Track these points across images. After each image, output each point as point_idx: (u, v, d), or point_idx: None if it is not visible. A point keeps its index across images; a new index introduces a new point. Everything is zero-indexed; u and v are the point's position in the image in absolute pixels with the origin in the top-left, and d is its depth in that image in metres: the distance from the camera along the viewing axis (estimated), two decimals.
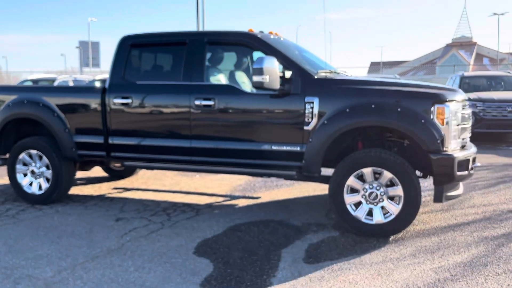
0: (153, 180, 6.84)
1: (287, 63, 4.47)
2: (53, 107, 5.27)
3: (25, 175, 5.51)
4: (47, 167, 5.41)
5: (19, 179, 5.49)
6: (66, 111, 5.25)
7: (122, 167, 5.33)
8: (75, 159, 5.33)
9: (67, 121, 5.23)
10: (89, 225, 4.64)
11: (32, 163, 5.46)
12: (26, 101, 5.40)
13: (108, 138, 5.10)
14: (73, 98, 5.31)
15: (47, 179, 5.43)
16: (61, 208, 5.31)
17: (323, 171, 4.49)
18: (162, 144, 4.87)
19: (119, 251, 3.91)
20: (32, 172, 5.48)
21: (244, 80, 5.10)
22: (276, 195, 5.84)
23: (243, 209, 5.23)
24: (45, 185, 5.42)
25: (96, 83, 13.74)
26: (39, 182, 5.46)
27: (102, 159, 5.32)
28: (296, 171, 4.49)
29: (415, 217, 4.13)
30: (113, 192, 6.14)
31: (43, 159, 5.38)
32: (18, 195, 5.56)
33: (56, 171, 5.32)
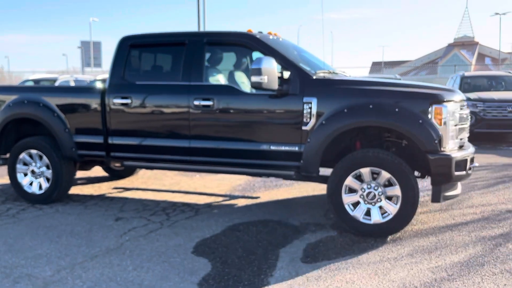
0: (153, 180, 6.86)
1: (286, 64, 4.48)
2: (53, 107, 5.30)
3: (25, 174, 5.54)
4: (47, 167, 5.43)
5: (20, 179, 5.52)
6: (66, 111, 5.28)
7: (122, 167, 5.36)
8: (75, 159, 5.36)
9: (67, 121, 5.26)
10: (89, 224, 4.67)
11: (32, 162, 5.49)
12: (26, 101, 5.43)
13: (108, 138, 5.12)
14: (73, 98, 5.34)
15: (47, 179, 5.46)
16: (61, 207, 5.33)
17: (321, 171, 4.51)
18: (161, 144, 4.89)
19: (118, 250, 3.93)
20: (33, 172, 5.51)
21: (244, 81, 5.11)
22: (276, 195, 5.86)
23: (242, 209, 5.25)
24: (45, 184, 5.45)
25: (97, 83, 13.75)
26: (39, 181, 5.49)
27: (102, 159, 5.35)
28: (294, 171, 4.50)
29: (413, 217, 4.14)
30: (113, 191, 6.17)
31: (43, 159, 5.41)
32: (19, 195, 5.59)
33: (56, 171, 5.35)
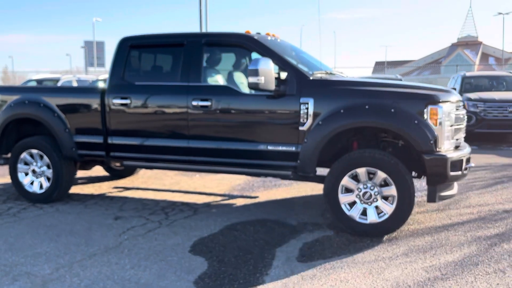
0: (153, 180, 6.91)
1: (283, 64, 4.52)
2: (53, 108, 5.35)
3: (26, 174, 5.60)
4: (48, 167, 5.49)
5: (21, 178, 5.58)
6: (66, 111, 5.33)
7: (121, 166, 5.41)
8: (75, 158, 5.41)
9: (67, 121, 5.31)
10: (88, 223, 4.72)
11: (33, 162, 5.55)
12: (27, 102, 5.48)
13: (108, 138, 5.17)
14: (73, 99, 5.39)
15: (48, 178, 5.51)
16: (62, 206, 5.39)
17: (318, 171, 4.54)
18: (160, 144, 4.94)
19: (117, 249, 3.98)
20: (33, 171, 5.57)
21: (243, 81, 5.14)
22: (274, 195, 5.90)
23: (241, 208, 5.29)
24: (46, 184, 5.51)
25: (99, 83, 13.85)
26: (40, 181, 5.55)
27: (102, 159, 5.40)
28: (291, 171, 4.54)
29: (408, 217, 4.17)
30: (113, 191, 6.22)
31: (44, 158, 5.47)
32: (20, 194, 5.65)
33: (57, 171, 5.41)
